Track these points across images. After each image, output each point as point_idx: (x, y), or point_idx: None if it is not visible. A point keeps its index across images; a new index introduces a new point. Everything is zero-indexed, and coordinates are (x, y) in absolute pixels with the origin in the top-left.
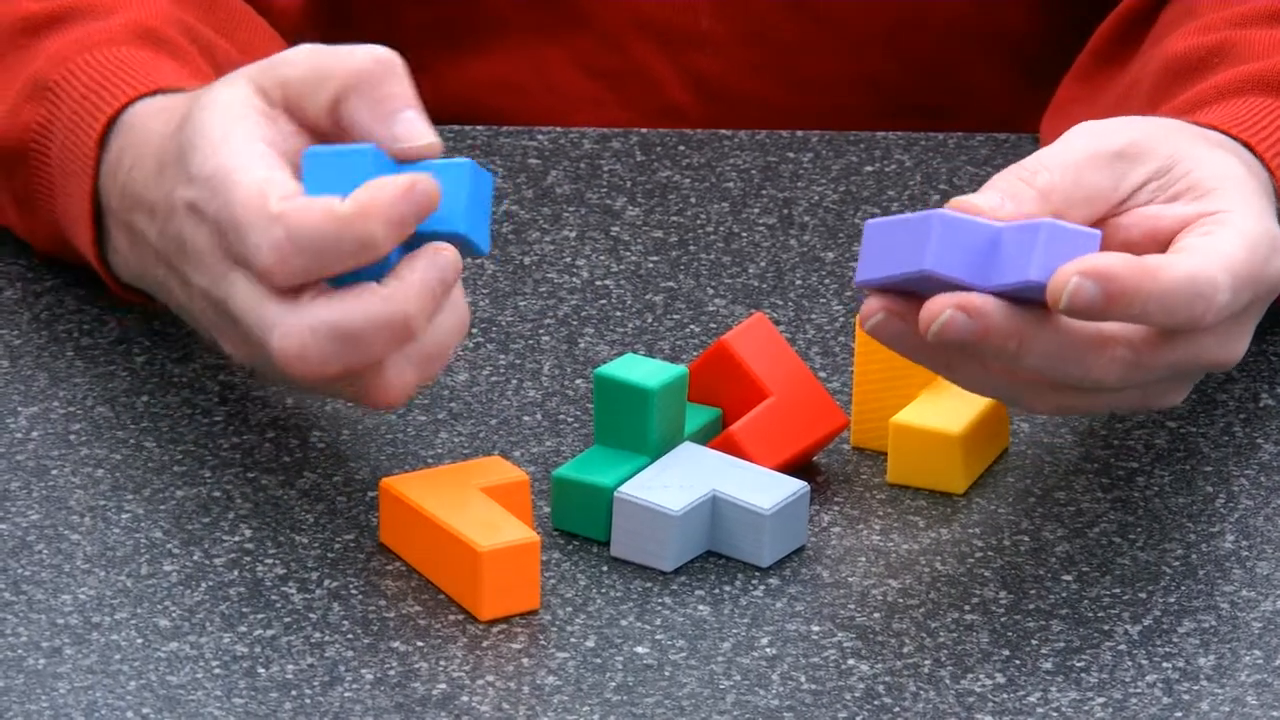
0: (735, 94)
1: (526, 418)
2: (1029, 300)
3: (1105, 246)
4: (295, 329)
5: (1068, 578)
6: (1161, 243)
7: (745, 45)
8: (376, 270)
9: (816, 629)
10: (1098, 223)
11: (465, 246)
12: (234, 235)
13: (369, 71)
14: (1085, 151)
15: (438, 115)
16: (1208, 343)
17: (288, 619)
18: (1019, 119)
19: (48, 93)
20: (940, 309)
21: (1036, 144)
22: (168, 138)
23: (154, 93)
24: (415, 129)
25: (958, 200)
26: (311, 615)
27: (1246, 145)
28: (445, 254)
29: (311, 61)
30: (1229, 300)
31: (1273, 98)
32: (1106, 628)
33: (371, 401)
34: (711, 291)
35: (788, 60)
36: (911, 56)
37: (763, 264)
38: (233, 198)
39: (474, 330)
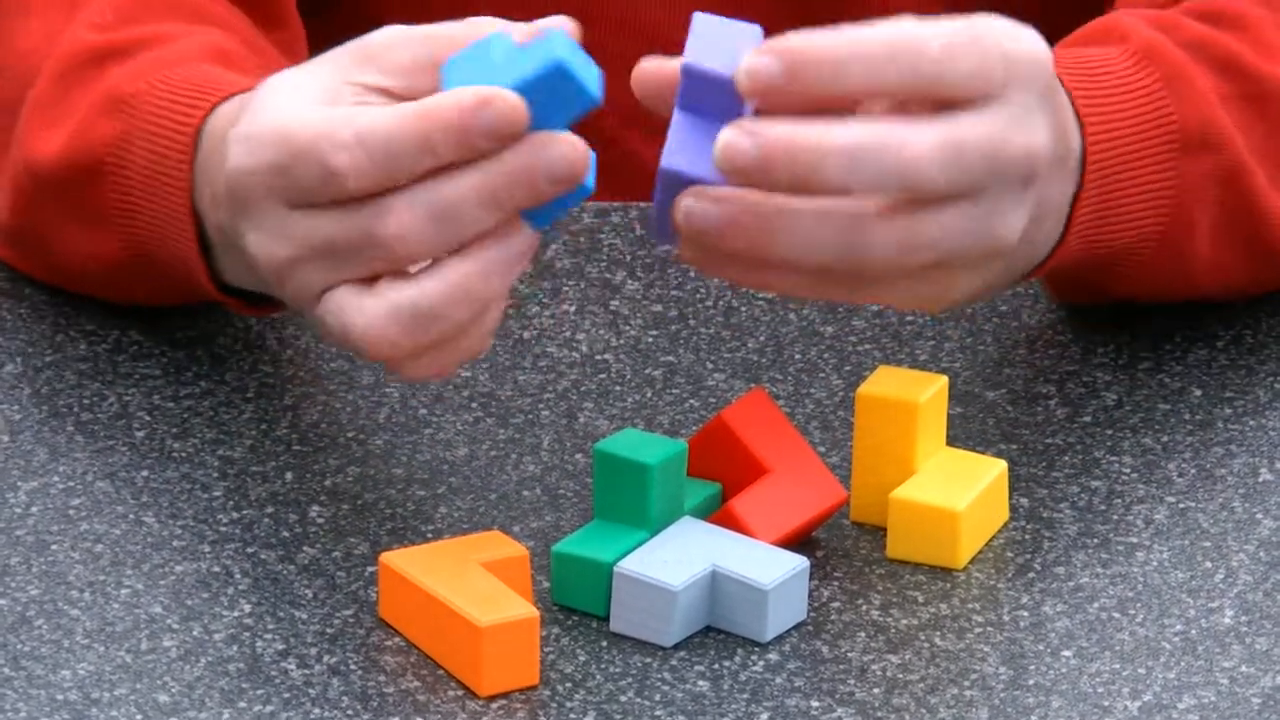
0: None
1: (526, 492)
2: None
3: None
4: (378, 319)
5: (1067, 653)
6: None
7: None
8: (576, 197)
9: (816, 704)
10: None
11: (575, 92)
12: (298, 162)
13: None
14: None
15: None
16: (988, 118)
17: (287, 694)
18: None
19: (124, 106)
20: (723, 135)
21: None
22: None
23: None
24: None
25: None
26: (311, 691)
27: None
28: (517, 234)
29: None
30: (942, 52)
31: (1095, 47)
32: (1106, 704)
33: (449, 366)
34: (711, 366)
35: None
36: None
37: (762, 338)
38: (291, 129)
39: (473, 405)
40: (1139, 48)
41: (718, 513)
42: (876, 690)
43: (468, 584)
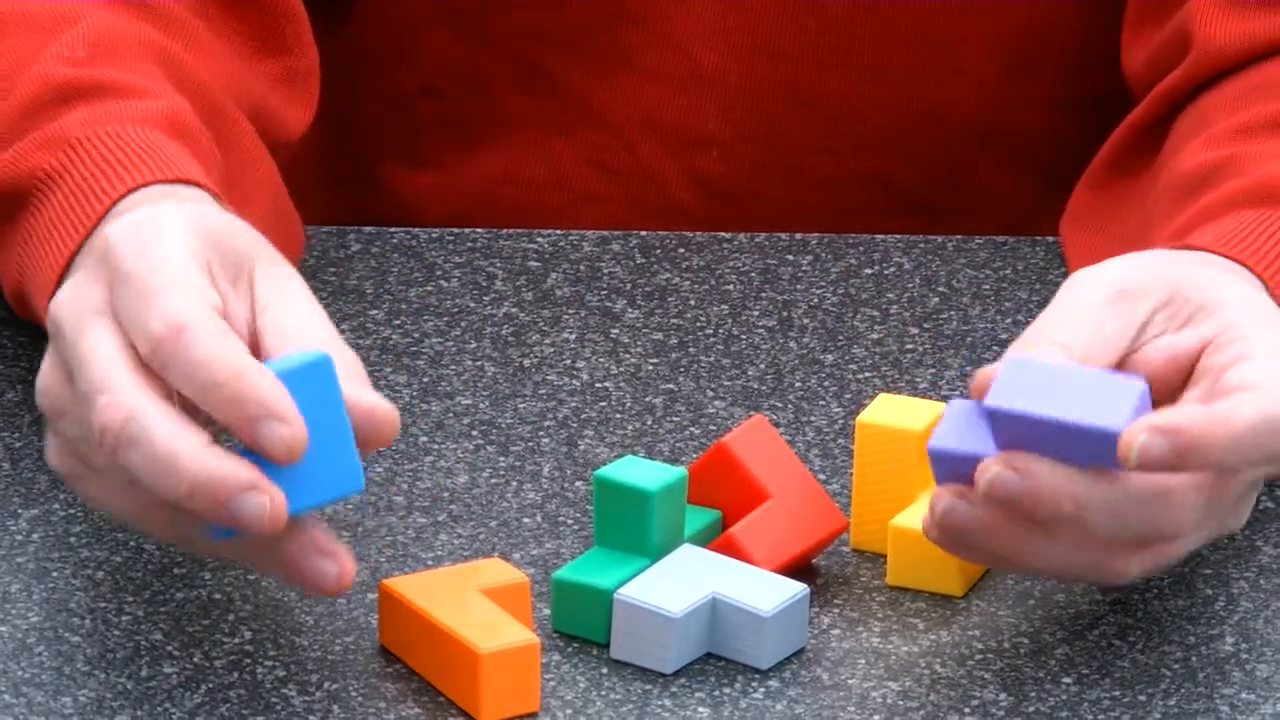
0: (741, 194)
1: (526, 520)
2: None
3: None
4: (123, 405)
5: (1067, 680)
6: (1184, 368)
7: (752, 146)
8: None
9: None
10: (1120, 365)
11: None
12: (133, 291)
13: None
14: (1089, 300)
15: (444, 211)
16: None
17: None
18: (1031, 221)
19: (68, 146)
20: (988, 466)
21: (1038, 245)
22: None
23: (175, 181)
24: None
25: (982, 374)
26: (311, 718)
27: (1237, 261)
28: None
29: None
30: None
31: (1262, 208)
32: None
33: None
34: (711, 394)
35: (795, 160)
36: (922, 157)
37: (762, 366)
38: (157, 264)
39: (474, 433)
40: None
41: (718, 540)
42: (877, 718)
43: (468, 611)
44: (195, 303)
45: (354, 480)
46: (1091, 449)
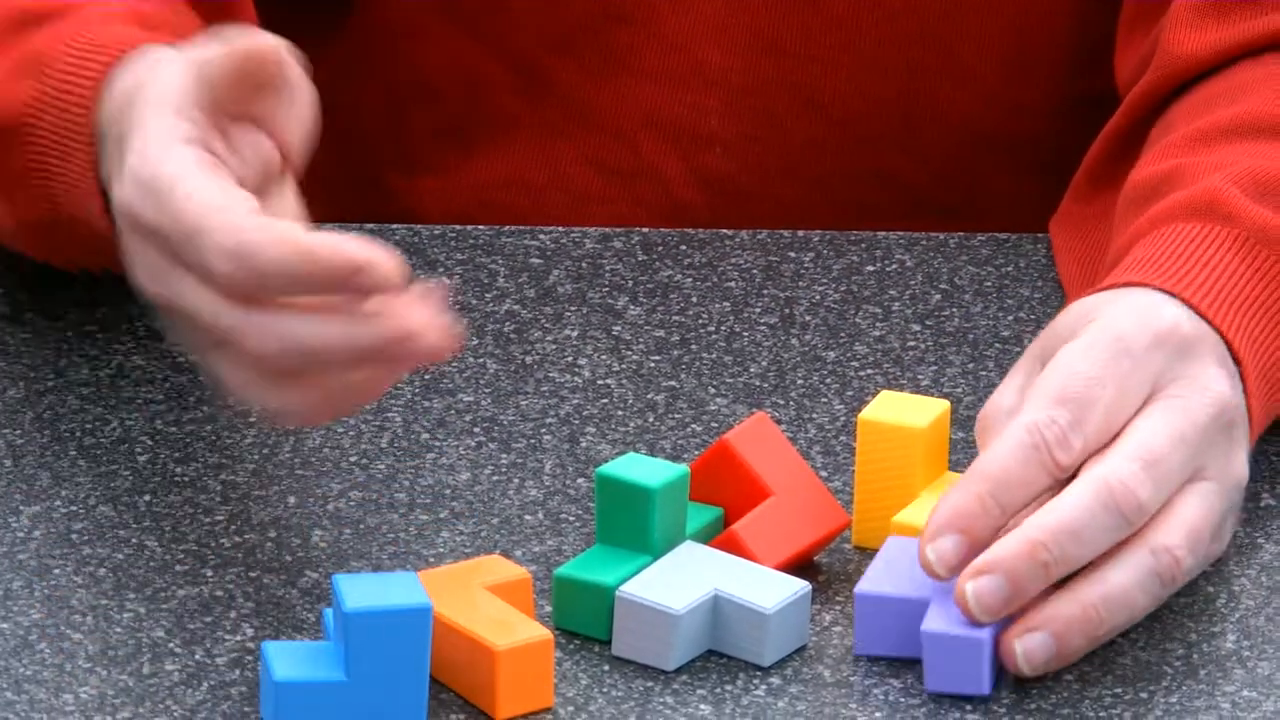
0: (744, 191)
1: (528, 517)
2: None
3: None
4: (270, 335)
5: (1069, 677)
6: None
7: (755, 144)
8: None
9: None
10: None
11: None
12: (180, 242)
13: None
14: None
15: (446, 213)
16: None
17: None
18: (1035, 218)
19: (41, 67)
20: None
21: (1040, 242)
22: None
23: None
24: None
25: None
26: None
27: (1160, 289)
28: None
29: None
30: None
31: (1198, 222)
32: None
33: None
34: (713, 391)
35: (798, 158)
36: (925, 155)
37: (764, 363)
38: (185, 205)
39: (476, 429)
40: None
41: (720, 537)
42: (879, 715)
43: (477, 608)
44: (234, 217)
45: None
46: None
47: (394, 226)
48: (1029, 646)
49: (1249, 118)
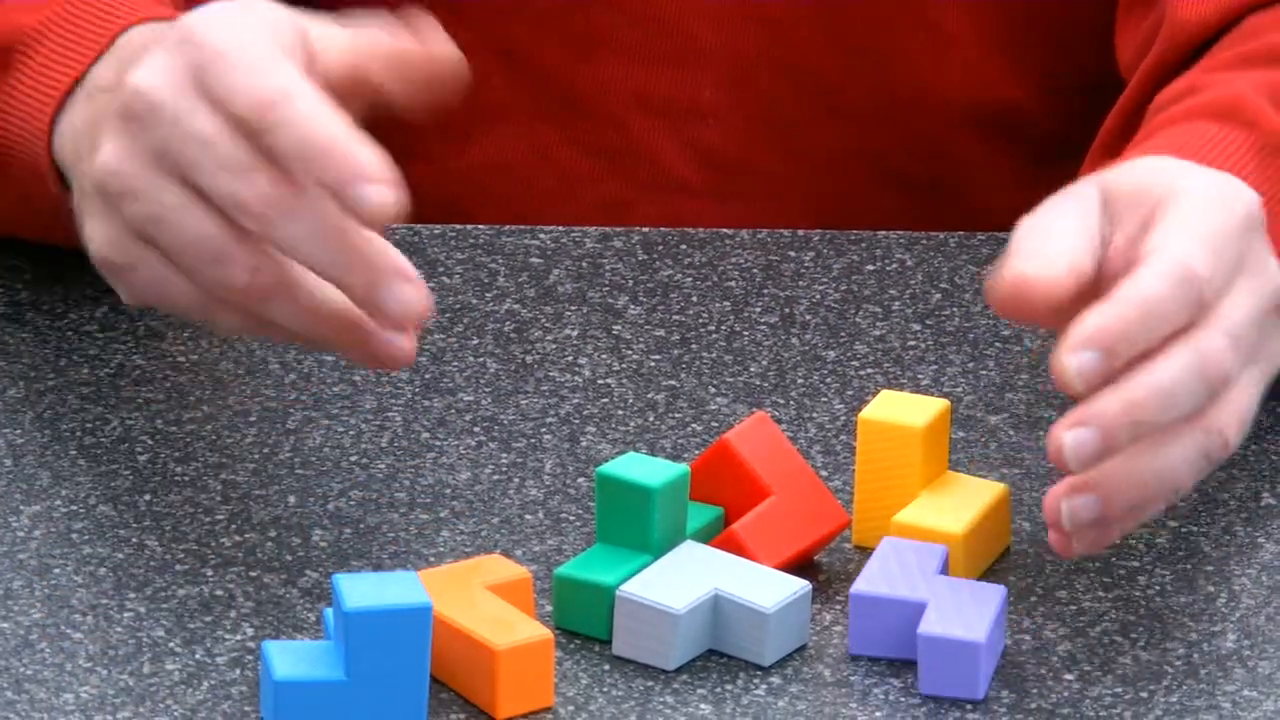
0: (737, 165)
1: (528, 516)
2: None
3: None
4: (252, 258)
5: (1069, 677)
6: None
7: (748, 117)
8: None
9: None
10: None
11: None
12: (230, 65)
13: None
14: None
15: (438, 201)
16: (1242, 296)
17: None
18: (1020, 197)
19: (53, 1)
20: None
21: None
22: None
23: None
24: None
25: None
26: None
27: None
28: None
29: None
30: (1209, 257)
31: (1220, 123)
32: None
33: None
34: (713, 390)
35: (790, 132)
36: (913, 132)
37: (764, 363)
38: (233, 36)
39: (476, 429)
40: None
41: (720, 536)
42: (879, 714)
43: (477, 607)
44: (298, 75)
45: None
46: None
47: (394, 226)
48: (1075, 505)
49: (1265, 49)
